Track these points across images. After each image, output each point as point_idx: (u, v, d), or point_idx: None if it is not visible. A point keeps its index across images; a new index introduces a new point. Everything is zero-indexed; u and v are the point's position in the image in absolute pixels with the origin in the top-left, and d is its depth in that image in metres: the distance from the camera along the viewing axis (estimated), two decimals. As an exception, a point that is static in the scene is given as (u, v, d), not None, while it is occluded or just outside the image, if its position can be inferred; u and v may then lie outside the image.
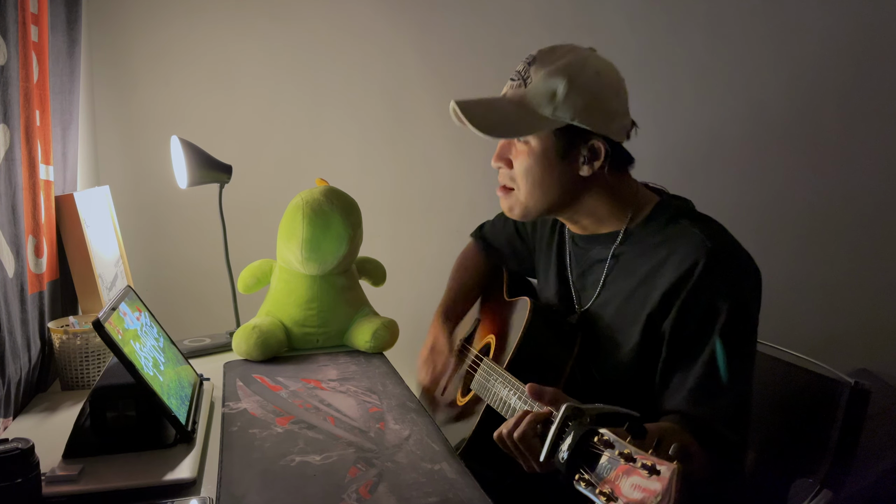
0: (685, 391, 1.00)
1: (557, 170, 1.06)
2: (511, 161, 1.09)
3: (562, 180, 1.06)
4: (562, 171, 1.06)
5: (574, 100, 1.01)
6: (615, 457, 0.64)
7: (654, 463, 0.60)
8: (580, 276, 1.17)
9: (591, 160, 1.05)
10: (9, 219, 1.15)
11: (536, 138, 1.05)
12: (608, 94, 1.04)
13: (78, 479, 0.88)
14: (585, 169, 1.05)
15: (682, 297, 1.00)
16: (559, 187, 1.07)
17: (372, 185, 1.97)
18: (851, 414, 1.10)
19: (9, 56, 1.14)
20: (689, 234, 1.03)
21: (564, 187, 1.07)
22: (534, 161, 1.06)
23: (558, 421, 0.75)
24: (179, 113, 1.84)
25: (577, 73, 1.02)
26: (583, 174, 1.05)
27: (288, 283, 1.45)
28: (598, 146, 1.04)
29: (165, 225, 1.87)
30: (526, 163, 1.06)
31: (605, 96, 1.03)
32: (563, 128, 1.03)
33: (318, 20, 1.90)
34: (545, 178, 1.06)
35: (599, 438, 0.68)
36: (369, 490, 0.87)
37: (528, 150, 1.06)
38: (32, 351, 1.22)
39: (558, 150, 1.04)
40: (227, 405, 1.15)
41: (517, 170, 1.08)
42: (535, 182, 1.07)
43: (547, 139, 1.04)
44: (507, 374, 1.05)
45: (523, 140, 1.06)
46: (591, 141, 1.03)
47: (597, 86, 1.02)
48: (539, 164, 1.05)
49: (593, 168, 1.05)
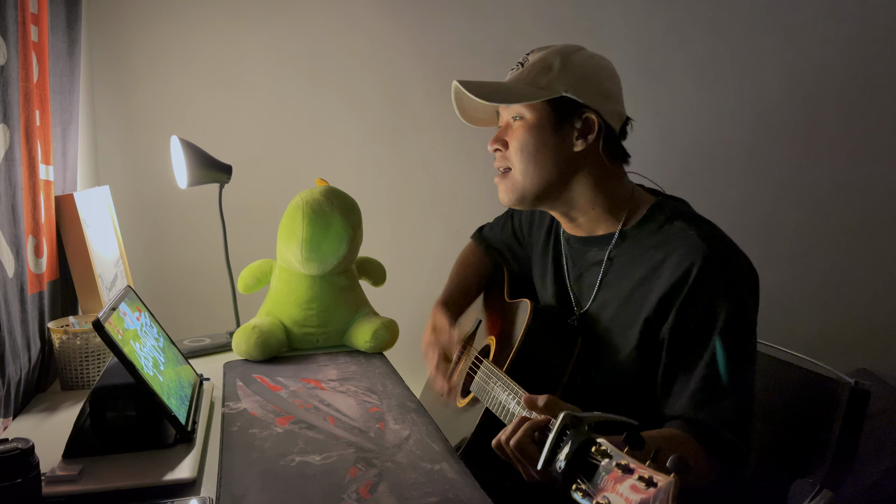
0: (687, 396, 0.99)
1: (552, 142, 1.07)
2: (507, 143, 1.11)
3: (556, 155, 1.08)
4: (556, 145, 1.07)
5: (568, 73, 1.06)
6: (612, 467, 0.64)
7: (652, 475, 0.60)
8: (577, 279, 1.17)
9: (584, 133, 1.07)
10: (9, 219, 1.15)
11: (531, 111, 1.08)
12: (602, 74, 1.09)
13: (78, 479, 0.88)
14: (579, 143, 1.07)
15: (679, 302, 1.00)
16: (553, 163, 1.08)
17: (372, 185, 1.97)
18: (851, 414, 1.09)
19: (9, 56, 1.14)
20: (684, 236, 1.03)
21: (558, 164, 1.08)
22: (528, 134, 1.08)
23: (556, 429, 0.75)
24: (179, 113, 1.84)
25: (572, 53, 1.08)
26: (577, 150, 1.07)
27: (288, 283, 1.45)
28: (591, 119, 1.06)
29: (165, 225, 1.87)
30: (521, 137, 1.09)
31: (599, 76, 1.08)
32: (557, 101, 1.06)
33: (319, 20, 1.90)
34: (540, 151, 1.08)
35: (597, 448, 0.67)
36: (369, 490, 0.87)
37: (523, 125, 1.09)
38: (32, 351, 1.22)
39: (552, 122, 1.07)
40: (227, 405, 1.15)
41: (513, 148, 1.10)
42: (530, 155, 1.08)
43: (542, 111, 1.07)
44: (506, 378, 1.05)
45: (518, 117, 1.09)
46: (585, 114, 1.06)
47: (591, 65, 1.08)
48: (534, 136, 1.08)
49: (587, 142, 1.07)
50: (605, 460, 0.65)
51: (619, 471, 0.63)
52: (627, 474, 0.62)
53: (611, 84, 1.09)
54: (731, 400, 0.97)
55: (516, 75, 1.10)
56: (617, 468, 0.63)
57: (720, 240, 1.03)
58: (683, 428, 0.98)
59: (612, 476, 0.63)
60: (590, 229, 1.14)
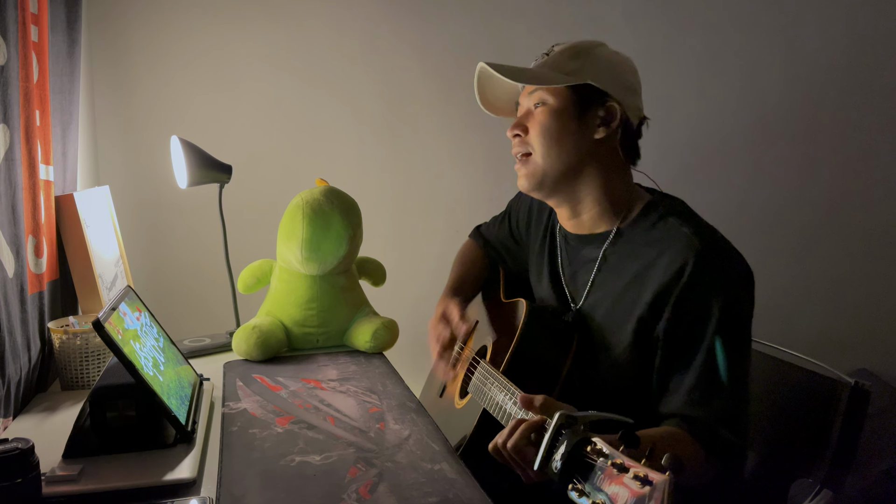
0: (683, 393, 1.00)
1: (574, 128, 1.08)
2: (527, 128, 1.11)
3: (577, 141, 1.08)
4: (578, 131, 1.08)
5: (594, 63, 1.08)
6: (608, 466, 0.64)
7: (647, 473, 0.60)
8: (572, 277, 1.17)
9: (606, 121, 1.08)
10: (9, 219, 1.15)
11: (555, 97, 1.08)
12: (625, 68, 1.11)
13: (78, 479, 0.88)
14: (601, 131, 1.08)
15: (673, 300, 1.00)
16: (574, 148, 1.09)
17: (372, 185, 1.97)
18: (851, 414, 1.10)
19: (9, 56, 1.14)
20: (677, 234, 1.03)
21: (579, 150, 1.09)
22: (552, 119, 1.09)
23: (551, 430, 0.75)
24: (179, 113, 1.84)
25: (597, 46, 1.11)
26: (598, 136, 1.08)
27: (288, 283, 1.45)
28: (614, 107, 1.07)
29: (165, 225, 1.87)
30: (544, 121, 1.09)
31: (622, 69, 1.10)
32: (581, 89, 1.07)
33: (319, 20, 1.90)
34: (562, 136, 1.08)
35: (592, 448, 0.68)
36: (369, 490, 0.87)
37: (546, 110, 1.09)
38: (32, 351, 1.22)
39: (576, 109, 1.08)
40: (227, 405, 1.15)
41: (533, 133, 1.10)
42: (553, 139, 1.09)
43: (566, 98, 1.08)
44: (502, 379, 1.05)
45: (541, 103, 1.10)
46: (609, 102, 1.07)
47: (615, 59, 1.11)
48: (557, 121, 1.08)
49: (609, 130, 1.08)
50: (601, 459, 0.65)
51: (615, 469, 0.63)
52: (623, 473, 0.62)
53: (633, 79, 1.11)
54: (727, 397, 0.98)
55: (542, 63, 1.11)
56: (612, 467, 0.63)
57: (714, 238, 1.04)
58: (681, 426, 0.98)
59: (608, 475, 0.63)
60: (590, 227, 1.14)
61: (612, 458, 0.64)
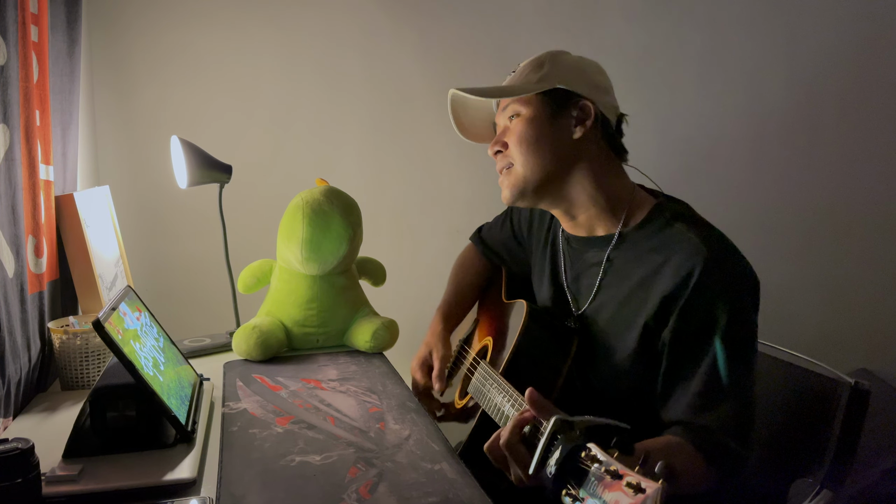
0: (687, 400, 0.99)
1: (549, 131, 1.09)
2: (506, 143, 1.12)
3: (555, 144, 1.09)
4: (554, 133, 1.09)
5: (559, 68, 1.10)
6: (602, 473, 0.64)
7: (640, 481, 0.60)
8: (574, 280, 1.17)
9: (581, 120, 1.08)
10: (9, 219, 1.15)
11: (527, 107, 1.09)
12: (591, 69, 1.12)
13: (78, 479, 0.88)
14: (578, 130, 1.08)
15: (679, 306, 0.99)
16: (553, 152, 1.09)
17: (372, 185, 1.97)
18: (851, 414, 1.09)
19: (9, 56, 1.14)
20: (684, 239, 1.02)
21: (558, 153, 1.09)
22: (527, 126, 1.09)
23: (547, 434, 0.75)
24: (179, 113, 1.84)
25: (560, 54, 1.13)
26: (575, 137, 1.08)
27: (288, 283, 1.45)
28: (587, 105, 1.08)
29: (165, 225, 1.87)
30: (520, 130, 1.10)
31: (589, 70, 1.11)
32: (552, 94, 1.08)
33: (319, 20, 1.90)
34: (539, 141, 1.09)
35: (587, 454, 0.68)
36: (369, 490, 0.87)
37: (521, 120, 1.10)
38: (32, 351, 1.22)
39: (549, 113, 1.09)
40: (227, 405, 1.15)
41: (512, 143, 1.11)
42: (530, 146, 1.09)
43: (537, 104, 1.09)
44: (502, 380, 1.04)
45: (515, 115, 1.10)
46: (581, 101, 1.08)
47: (579, 63, 1.12)
48: (532, 127, 1.09)
49: (585, 128, 1.08)
50: (595, 465, 0.66)
51: (609, 476, 0.63)
52: (616, 480, 0.62)
53: (601, 78, 1.12)
54: (731, 405, 0.97)
55: (510, 79, 1.14)
56: (606, 474, 0.64)
57: (721, 243, 1.03)
58: (683, 434, 0.97)
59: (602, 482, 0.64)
60: (590, 228, 1.14)
61: (606, 464, 0.64)
